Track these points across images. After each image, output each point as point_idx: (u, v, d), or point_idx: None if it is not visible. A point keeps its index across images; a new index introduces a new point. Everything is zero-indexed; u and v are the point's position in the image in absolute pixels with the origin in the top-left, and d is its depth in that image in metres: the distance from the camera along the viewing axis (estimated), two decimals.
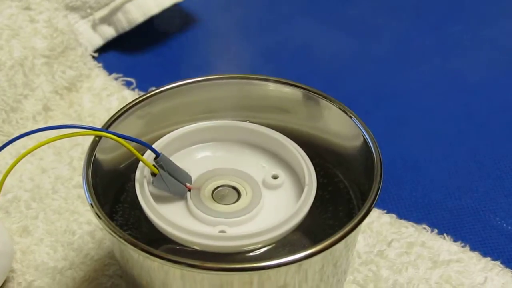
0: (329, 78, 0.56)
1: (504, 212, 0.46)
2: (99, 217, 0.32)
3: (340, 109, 0.38)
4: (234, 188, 0.36)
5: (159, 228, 0.34)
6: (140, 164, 0.36)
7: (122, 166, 0.38)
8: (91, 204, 0.33)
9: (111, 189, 0.37)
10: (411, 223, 0.44)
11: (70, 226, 0.43)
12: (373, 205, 0.33)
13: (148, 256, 0.31)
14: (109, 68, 0.56)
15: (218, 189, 0.36)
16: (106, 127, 0.36)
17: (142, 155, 0.35)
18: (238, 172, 0.37)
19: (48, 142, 0.32)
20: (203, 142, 0.39)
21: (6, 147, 0.33)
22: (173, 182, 0.35)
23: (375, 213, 0.44)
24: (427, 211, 0.46)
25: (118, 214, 0.37)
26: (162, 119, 0.39)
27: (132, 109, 0.38)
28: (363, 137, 0.36)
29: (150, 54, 0.59)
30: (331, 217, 0.37)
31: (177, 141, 0.38)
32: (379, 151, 0.35)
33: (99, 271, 0.41)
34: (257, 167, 0.38)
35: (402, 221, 0.44)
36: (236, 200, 0.36)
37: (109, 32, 0.58)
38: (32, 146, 0.32)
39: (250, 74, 0.40)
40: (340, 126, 0.38)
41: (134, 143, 0.34)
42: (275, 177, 0.37)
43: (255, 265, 0.31)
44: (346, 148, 0.38)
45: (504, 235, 0.44)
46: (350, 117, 0.37)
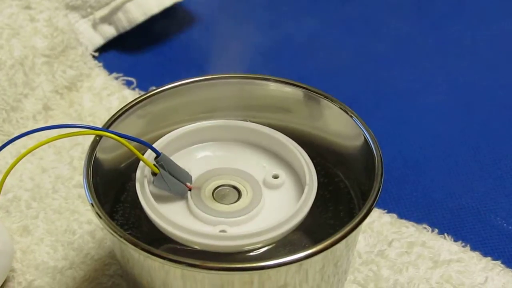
0: (330, 78, 0.56)
1: (505, 212, 0.46)
2: (100, 217, 0.32)
3: (341, 109, 0.38)
4: (235, 188, 0.36)
5: (160, 228, 0.34)
6: (141, 164, 0.36)
7: (123, 166, 0.38)
8: (92, 204, 0.33)
9: (112, 189, 0.37)
10: (412, 223, 0.44)
11: (71, 226, 0.43)
12: (374, 205, 0.33)
13: (149, 256, 0.31)
14: (110, 68, 0.56)
15: (219, 189, 0.36)
16: (107, 127, 0.36)
17: (143, 155, 0.35)
18: (239, 172, 0.37)
19: (49, 142, 0.32)
20: (204, 142, 0.39)
21: (6, 147, 0.33)
22: (174, 182, 0.35)
23: (376, 213, 0.44)
24: (428, 211, 0.46)
25: (119, 214, 0.37)
26: (163, 119, 0.39)
27: (133, 109, 0.38)
28: (364, 137, 0.36)
29: (151, 54, 0.59)
30: (332, 217, 0.36)
31: (178, 141, 0.38)
32: (380, 151, 0.35)
33: (100, 271, 0.41)
34: (258, 167, 0.38)
35: (403, 221, 0.44)
36: (237, 200, 0.36)
37: (110, 32, 0.58)
38: (32, 146, 0.32)
39: (251, 74, 0.40)
40: (341, 126, 0.38)
41: (135, 143, 0.34)
42: (276, 177, 0.37)
43: (256, 265, 0.31)
44: (347, 148, 0.38)
45: (505, 235, 0.44)
46: (351, 117, 0.37)
